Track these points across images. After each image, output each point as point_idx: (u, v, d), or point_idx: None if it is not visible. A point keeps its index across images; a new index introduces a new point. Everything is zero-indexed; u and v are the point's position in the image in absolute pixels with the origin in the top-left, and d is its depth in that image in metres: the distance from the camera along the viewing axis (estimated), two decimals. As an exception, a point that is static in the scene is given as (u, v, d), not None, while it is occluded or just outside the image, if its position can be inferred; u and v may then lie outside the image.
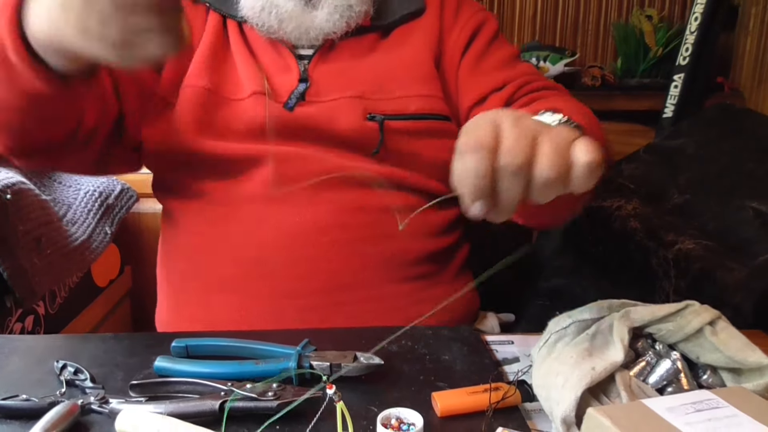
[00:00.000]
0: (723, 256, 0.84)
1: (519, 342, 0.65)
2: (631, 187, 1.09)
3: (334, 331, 0.66)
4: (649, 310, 0.52)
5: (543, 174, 0.44)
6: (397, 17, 0.87)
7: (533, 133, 0.45)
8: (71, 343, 0.66)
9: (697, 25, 1.19)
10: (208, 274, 0.78)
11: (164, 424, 0.46)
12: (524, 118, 0.47)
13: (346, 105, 0.80)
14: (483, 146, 0.44)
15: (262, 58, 0.83)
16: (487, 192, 0.45)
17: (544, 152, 0.44)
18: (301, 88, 0.81)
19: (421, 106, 0.82)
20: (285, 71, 0.82)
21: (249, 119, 0.79)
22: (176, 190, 0.83)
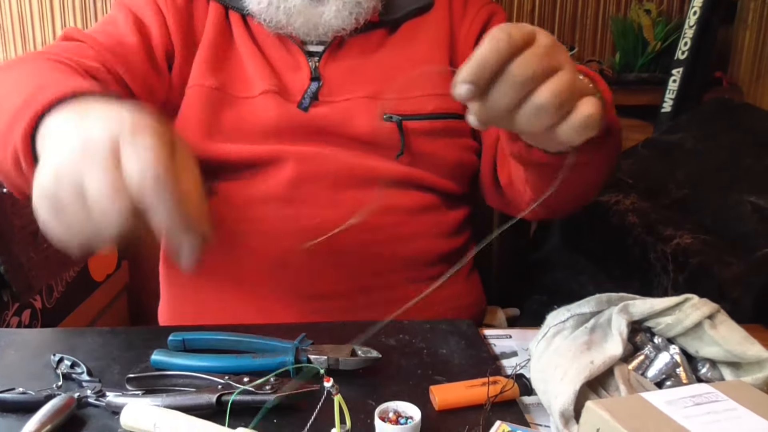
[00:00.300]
0: (721, 251, 0.84)
1: (517, 336, 0.65)
2: (630, 182, 1.09)
3: (332, 325, 0.66)
4: (648, 304, 0.52)
5: (541, 98, 0.43)
6: (405, 12, 0.86)
7: (558, 62, 0.44)
8: (68, 336, 0.65)
9: (696, 19, 1.19)
10: (223, 275, 0.77)
11: (167, 417, 0.46)
12: (561, 48, 0.46)
13: (362, 105, 0.79)
14: (509, 42, 0.43)
15: (271, 54, 0.82)
16: (482, 82, 0.43)
17: (555, 81, 0.43)
18: (313, 87, 0.80)
19: (438, 105, 0.81)
20: (295, 69, 0.81)
21: (260, 119, 0.77)
22: None
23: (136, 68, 0.76)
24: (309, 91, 0.80)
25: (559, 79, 0.44)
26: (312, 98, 0.79)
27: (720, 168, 1.05)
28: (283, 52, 0.82)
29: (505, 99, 0.44)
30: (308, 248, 0.72)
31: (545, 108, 0.43)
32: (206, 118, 0.77)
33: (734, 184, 0.99)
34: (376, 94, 0.80)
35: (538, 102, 0.43)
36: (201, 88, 0.78)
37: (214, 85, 0.78)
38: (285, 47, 0.82)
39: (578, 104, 0.44)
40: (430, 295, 0.80)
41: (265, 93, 0.78)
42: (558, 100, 0.43)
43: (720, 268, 0.81)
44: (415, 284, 0.78)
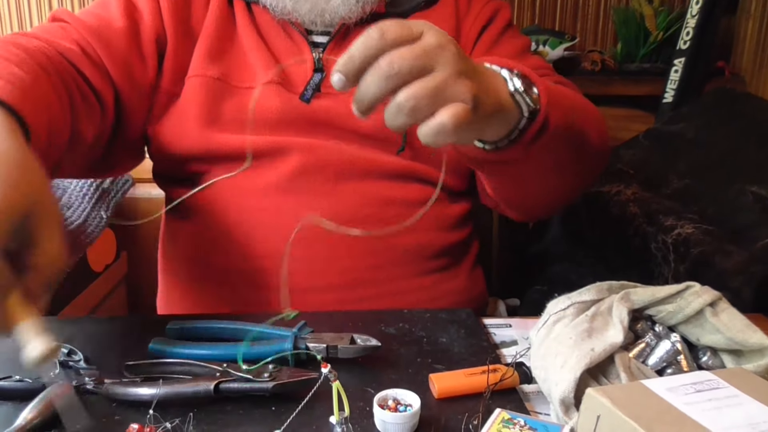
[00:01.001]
0: (722, 241, 0.84)
1: (517, 325, 0.64)
2: (631, 173, 1.09)
3: (331, 314, 0.66)
4: (649, 292, 0.52)
5: (399, 97, 0.44)
6: (411, 5, 0.85)
7: (434, 64, 0.44)
8: (65, 325, 0.65)
9: (698, 9, 1.18)
10: (221, 265, 0.76)
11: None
12: (447, 50, 0.46)
13: None
14: (381, 38, 0.44)
15: (274, 44, 0.80)
16: (350, 74, 0.44)
17: (418, 84, 0.44)
18: (316, 79, 0.79)
19: None
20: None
21: (262, 109, 0.76)
22: (183, 180, 0.81)
23: (118, 52, 0.74)
24: (312, 83, 0.78)
25: (423, 82, 0.44)
26: (314, 90, 0.78)
27: (721, 158, 1.05)
28: (287, 42, 0.80)
29: (369, 90, 0.44)
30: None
31: (401, 108, 0.44)
32: (207, 108, 0.76)
33: (736, 174, 0.99)
34: None
35: (397, 100, 0.44)
36: (203, 79, 0.77)
37: (216, 75, 0.76)
38: (289, 37, 0.80)
39: (440, 110, 0.44)
40: (433, 290, 0.80)
41: (267, 84, 0.77)
42: (412, 103, 0.44)
43: (721, 258, 0.80)
44: (415, 278, 0.78)
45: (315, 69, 0.79)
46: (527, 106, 0.53)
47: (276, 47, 0.80)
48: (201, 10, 0.80)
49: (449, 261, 0.81)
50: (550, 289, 1.06)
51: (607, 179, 1.08)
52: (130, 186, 1.19)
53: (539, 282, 1.10)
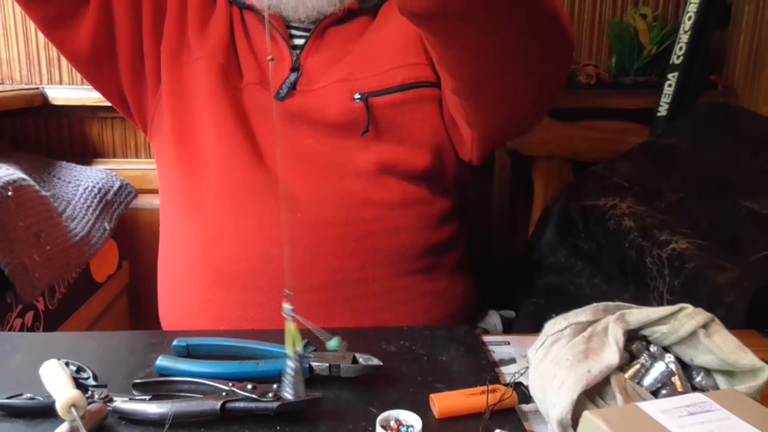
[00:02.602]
0: (716, 256, 0.86)
1: (515, 342, 0.66)
2: (626, 186, 1.10)
3: (333, 332, 0.67)
4: (644, 313, 0.53)
5: None
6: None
7: None
8: (73, 340, 0.66)
9: (691, 24, 1.20)
10: (214, 269, 0.79)
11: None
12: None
13: (334, 90, 0.81)
14: None
15: (258, 47, 0.85)
16: None
17: None
18: (292, 78, 0.82)
19: (408, 75, 0.81)
20: (279, 61, 0.84)
21: (247, 109, 0.80)
22: (178, 184, 0.83)
23: None
24: (287, 81, 0.83)
25: None
26: (290, 88, 0.82)
27: (715, 171, 1.07)
28: (270, 45, 0.85)
29: None
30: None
31: None
32: (213, 92, 0.80)
33: (729, 187, 1.01)
34: (349, 76, 0.81)
35: None
36: (210, 61, 0.82)
37: (223, 63, 0.82)
38: (272, 40, 0.85)
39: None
40: (418, 288, 0.82)
41: (251, 84, 0.82)
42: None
43: (714, 273, 0.82)
44: (400, 277, 0.80)
45: (292, 68, 0.83)
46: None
47: (259, 50, 0.85)
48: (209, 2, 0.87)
49: (432, 261, 0.83)
50: (547, 301, 1.09)
51: (603, 192, 1.10)
52: (133, 197, 1.20)
53: (535, 293, 1.12)
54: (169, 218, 0.85)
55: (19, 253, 0.83)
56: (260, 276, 0.76)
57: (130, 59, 0.85)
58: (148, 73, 0.85)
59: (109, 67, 0.86)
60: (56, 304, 0.98)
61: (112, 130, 1.35)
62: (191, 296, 0.80)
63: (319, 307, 0.76)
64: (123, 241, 1.28)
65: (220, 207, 0.79)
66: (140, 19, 0.84)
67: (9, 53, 1.35)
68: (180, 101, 0.83)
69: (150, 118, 0.88)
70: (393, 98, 0.80)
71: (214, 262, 0.78)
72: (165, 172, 0.87)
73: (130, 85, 0.86)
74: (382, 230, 0.79)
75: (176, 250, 0.84)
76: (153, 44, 0.85)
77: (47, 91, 1.30)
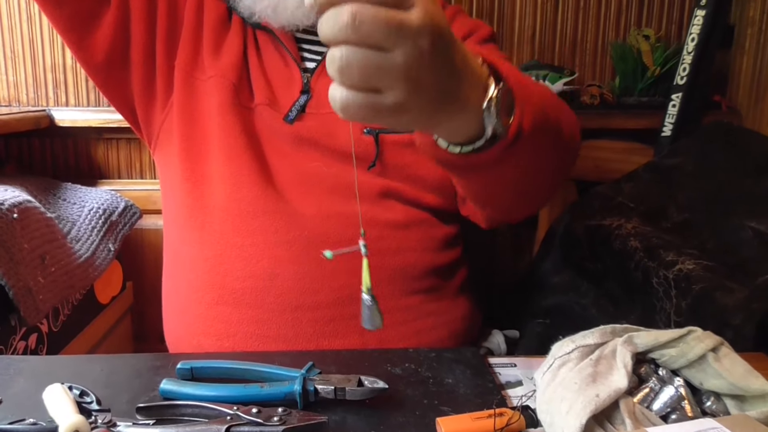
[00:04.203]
0: (723, 277, 0.85)
1: (521, 365, 0.65)
2: (631, 206, 1.10)
3: (339, 353, 0.66)
4: (652, 336, 0.53)
5: (336, 53, 0.41)
6: None
7: (394, 44, 0.40)
8: (76, 363, 0.66)
9: (694, 45, 1.20)
10: (219, 286, 0.79)
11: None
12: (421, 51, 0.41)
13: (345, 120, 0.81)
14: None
15: (269, 68, 0.86)
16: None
17: (361, 54, 0.40)
18: (302, 100, 0.83)
19: None
20: (289, 84, 0.85)
21: (256, 129, 0.81)
22: (183, 201, 0.84)
23: None
24: (297, 104, 0.84)
25: (370, 56, 0.40)
26: (299, 111, 0.83)
27: (720, 191, 1.06)
28: (281, 66, 0.86)
29: (322, 26, 0.41)
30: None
31: (332, 61, 0.42)
32: (226, 110, 0.81)
33: (734, 208, 1.00)
34: None
35: (333, 53, 0.41)
36: (223, 80, 0.82)
37: (235, 83, 0.82)
38: (284, 61, 0.86)
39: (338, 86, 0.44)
40: (420, 309, 0.81)
41: (260, 105, 0.83)
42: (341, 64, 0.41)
43: (722, 295, 0.81)
44: (403, 297, 0.80)
45: (302, 91, 0.84)
46: (494, 125, 0.51)
47: (271, 71, 0.86)
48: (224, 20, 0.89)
49: (436, 282, 0.83)
50: (552, 321, 1.08)
51: (608, 212, 1.09)
52: (137, 218, 1.20)
53: (540, 314, 1.11)
54: (173, 235, 0.85)
55: (24, 275, 0.83)
56: (266, 293, 0.76)
57: (143, 70, 0.86)
58: (159, 87, 0.86)
59: (122, 75, 0.87)
60: (60, 326, 0.98)
61: (117, 151, 1.36)
62: (196, 314, 0.80)
63: (323, 325, 0.76)
64: (127, 261, 1.28)
65: (227, 224, 0.79)
66: (155, 31, 0.86)
67: (16, 76, 1.36)
68: (190, 118, 0.84)
69: (156, 132, 0.89)
70: (402, 138, 0.81)
71: (219, 278, 0.78)
72: (170, 188, 0.87)
73: (140, 96, 0.87)
74: (385, 249, 0.79)
75: (181, 267, 0.84)
76: (165, 58, 0.86)
77: (54, 113, 1.31)
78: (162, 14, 0.86)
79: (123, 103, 0.88)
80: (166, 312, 0.86)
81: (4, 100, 1.37)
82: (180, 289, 0.83)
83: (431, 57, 0.42)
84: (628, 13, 1.35)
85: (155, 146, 0.90)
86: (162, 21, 0.86)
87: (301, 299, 0.76)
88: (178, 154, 0.83)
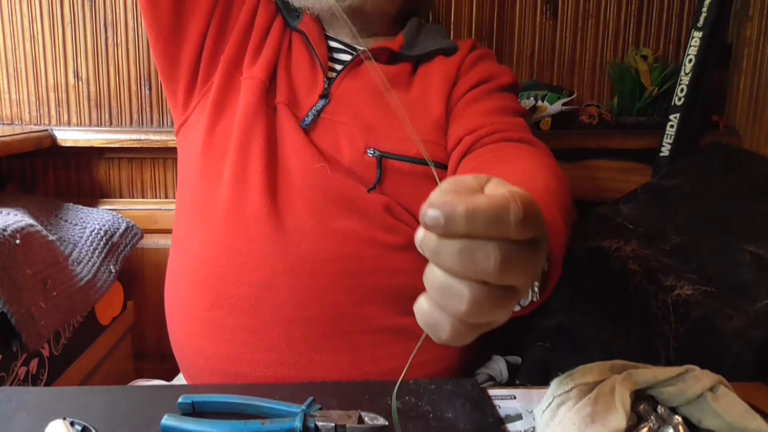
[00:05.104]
0: (722, 302, 0.85)
1: (521, 397, 0.65)
2: (630, 227, 1.11)
3: (339, 385, 0.67)
4: (651, 373, 0.53)
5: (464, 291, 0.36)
6: (427, 51, 0.91)
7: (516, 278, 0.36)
8: (77, 396, 0.66)
9: (691, 67, 1.21)
10: (215, 288, 0.79)
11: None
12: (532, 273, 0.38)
13: (353, 134, 0.83)
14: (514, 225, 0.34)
15: (297, 71, 0.90)
16: (450, 229, 0.36)
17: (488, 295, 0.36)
18: (319, 105, 0.86)
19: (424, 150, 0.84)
20: (312, 87, 0.88)
21: (273, 130, 0.83)
22: (196, 197, 0.85)
23: None
24: (314, 109, 0.86)
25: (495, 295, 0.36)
26: (315, 115, 0.85)
27: (718, 214, 1.07)
28: (308, 69, 0.90)
29: (447, 261, 0.37)
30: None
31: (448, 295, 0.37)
32: (253, 112, 0.83)
33: (733, 231, 1.01)
34: (370, 127, 0.83)
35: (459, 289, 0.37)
36: (254, 81, 0.85)
37: (264, 80, 0.86)
38: (311, 65, 0.90)
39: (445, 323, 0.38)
40: (412, 326, 0.81)
41: (279, 103, 0.85)
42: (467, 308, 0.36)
43: (721, 321, 0.82)
44: (399, 317, 0.80)
45: (321, 95, 0.86)
46: (535, 295, 0.50)
47: (297, 74, 0.89)
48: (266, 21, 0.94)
49: None
50: (552, 344, 1.08)
51: (607, 234, 1.10)
52: (139, 239, 1.21)
53: (540, 336, 1.11)
54: (182, 229, 0.87)
55: (26, 301, 0.84)
56: (260, 303, 0.77)
57: (199, 48, 0.91)
58: (203, 68, 0.91)
59: (182, 41, 0.92)
60: (61, 349, 0.98)
61: (119, 170, 1.37)
62: (193, 314, 0.81)
63: (315, 340, 0.77)
64: (128, 281, 1.29)
65: (229, 228, 0.80)
66: (213, 14, 0.91)
67: (19, 94, 1.37)
68: (220, 114, 0.86)
69: (189, 113, 0.93)
70: (404, 166, 0.82)
71: (216, 281, 0.79)
72: (186, 180, 0.89)
73: (187, 69, 0.92)
74: (381, 269, 0.80)
75: (183, 264, 0.85)
76: (214, 43, 0.91)
77: (56, 133, 1.32)
78: (221, 3, 0.91)
79: (185, 63, 0.92)
80: (168, 308, 0.87)
81: (7, 118, 1.37)
82: (181, 286, 0.84)
83: None
84: (626, 33, 1.36)
85: (182, 126, 0.94)
86: (222, 2, 0.91)
87: (294, 312, 0.77)
88: (201, 148, 0.86)
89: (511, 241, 0.35)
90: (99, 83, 1.36)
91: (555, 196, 0.62)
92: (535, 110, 1.28)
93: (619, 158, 1.30)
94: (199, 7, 0.90)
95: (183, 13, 0.90)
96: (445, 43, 0.95)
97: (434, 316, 0.38)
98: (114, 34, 1.34)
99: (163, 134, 1.32)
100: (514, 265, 0.35)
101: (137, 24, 1.33)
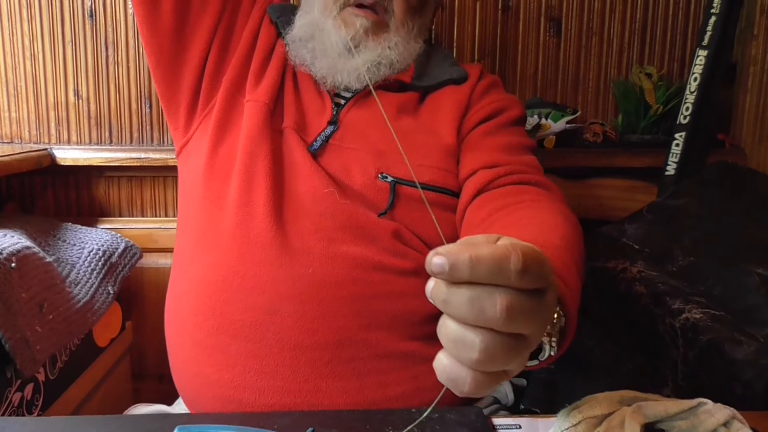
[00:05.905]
0: (731, 327, 0.84)
1: (526, 426, 0.64)
2: (636, 248, 1.09)
3: (340, 414, 0.65)
4: (662, 406, 0.51)
5: (474, 339, 0.37)
6: (437, 81, 0.91)
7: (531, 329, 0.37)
8: (73, 426, 0.64)
9: (696, 85, 1.20)
10: (219, 314, 0.78)
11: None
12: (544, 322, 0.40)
13: (364, 159, 0.83)
14: (518, 275, 0.36)
15: (304, 97, 0.89)
16: (455, 275, 0.37)
17: (499, 343, 0.36)
18: (328, 131, 0.85)
19: (435, 177, 0.84)
20: (320, 113, 0.87)
21: (279, 154, 0.83)
22: (199, 219, 0.84)
23: None
24: (322, 134, 0.86)
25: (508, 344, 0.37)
26: (323, 141, 0.85)
27: (725, 235, 1.05)
28: (315, 95, 0.90)
29: (458, 310, 0.37)
30: None
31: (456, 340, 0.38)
32: (256, 134, 0.82)
33: (740, 253, 0.99)
34: (381, 153, 0.83)
35: (470, 338, 0.37)
36: (257, 103, 0.85)
37: (269, 104, 0.85)
38: (318, 91, 0.90)
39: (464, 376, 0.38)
40: (421, 352, 0.80)
41: (287, 128, 0.85)
42: (477, 357, 0.37)
43: (731, 347, 0.80)
44: (405, 341, 0.78)
45: (330, 121, 0.86)
46: (551, 350, 0.49)
47: (305, 100, 0.89)
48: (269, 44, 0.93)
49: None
50: (557, 367, 1.06)
51: (613, 254, 1.08)
52: (138, 259, 1.19)
53: (545, 357, 1.09)
54: (184, 252, 0.85)
55: (21, 326, 0.82)
56: (264, 328, 0.75)
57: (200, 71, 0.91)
58: (204, 89, 0.90)
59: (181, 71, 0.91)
60: (57, 373, 0.96)
61: (118, 189, 1.36)
62: (197, 340, 0.79)
63: (322, 366, 0.75)
64: (126, 301, 1.27)
65: (233, 252, 0.79)
66: (215, 32, 0.91)
67: (19, 113, 1.36)
68: (222, 136, 0.86)
69: (190, 135, 0.92)
70: (417, 192, 0.81)
71: (219, 306, 0.77)
72: (188, 202, 0.88)
73: (189, 91, 0.91)
74: (389, 294, 0.78)
75: (185, 288, 0.83)
76: (215, 63, 0.90)
77: (55, 152, 1.31)
78: (225, 21, 0.91)
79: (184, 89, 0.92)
80: (169, 331, 0.85)
81: (7, 136, 1.37)
82: (183, 310, 0.82)
83: None
84: (630, 51, 1.36)
85: (183, 148, 0.93)
86: (224, 24, 0.91)
87: (300, 338, 0.75)
88: (203, 171, 0.85)
89: (516, 290, 0.36)
90: (99, 102, 1.35)
91: (572, 251, 0.62)
92: (539, 128, 1.27)
93: (623, 177, 1.29)
94: (200, 29, 0.89)
95: (184, 37, 0.89)
96: (456, 73, 0.95)
97: (454, 370, 0.38)
98: (114, 53, 1.34)
99: (163, 152, 1.31)
100: (519, 313, 0.36)
101: (138, 42, 1.33)
